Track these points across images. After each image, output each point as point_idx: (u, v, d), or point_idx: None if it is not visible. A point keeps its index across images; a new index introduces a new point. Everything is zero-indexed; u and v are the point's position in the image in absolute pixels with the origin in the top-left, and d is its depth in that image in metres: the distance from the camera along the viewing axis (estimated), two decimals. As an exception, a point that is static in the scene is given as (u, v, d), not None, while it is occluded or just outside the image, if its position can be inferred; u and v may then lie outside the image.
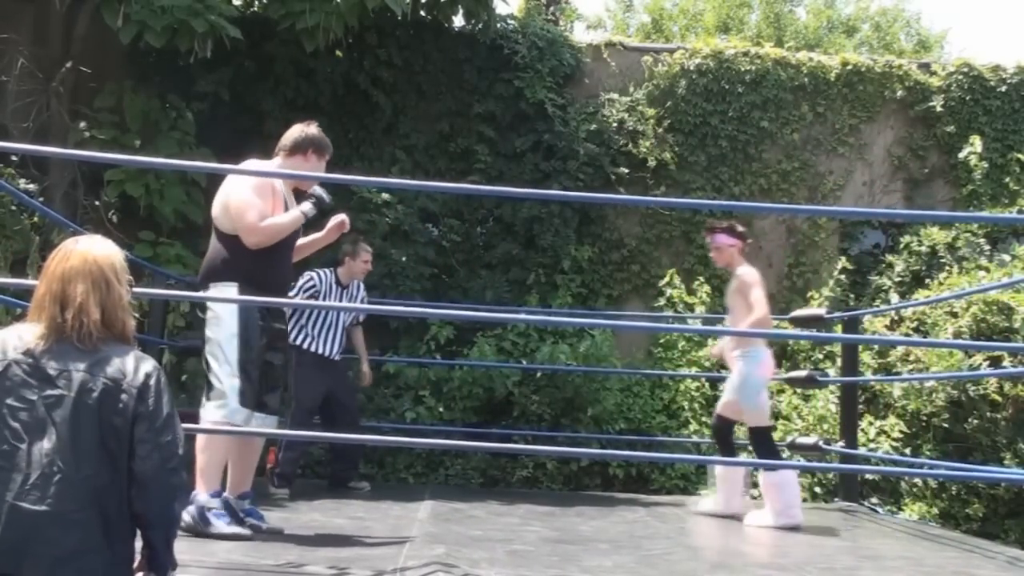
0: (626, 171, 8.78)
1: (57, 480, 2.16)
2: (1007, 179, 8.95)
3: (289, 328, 5.57)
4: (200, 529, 4.10)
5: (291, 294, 6.08)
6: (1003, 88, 9.20)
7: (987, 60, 9.39)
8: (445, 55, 8.89)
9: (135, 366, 2.30)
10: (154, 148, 7.62)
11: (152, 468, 2.24)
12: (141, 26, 7.23)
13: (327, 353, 6.20)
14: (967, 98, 9.18)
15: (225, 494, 4.31)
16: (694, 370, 7.95)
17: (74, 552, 2.16)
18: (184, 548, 3.87)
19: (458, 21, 8.89)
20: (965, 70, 9.26)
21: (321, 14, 7.37)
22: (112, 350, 2.32)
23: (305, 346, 6.15)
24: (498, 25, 8.93)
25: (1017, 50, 32.84)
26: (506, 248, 8.63)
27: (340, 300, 6.28)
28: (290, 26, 7.59)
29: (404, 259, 8.15)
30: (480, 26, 8.76)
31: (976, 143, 8.89)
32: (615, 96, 9.10)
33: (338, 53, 8.47)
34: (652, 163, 8.85)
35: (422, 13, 8.52)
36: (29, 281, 6.72)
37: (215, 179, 8.00)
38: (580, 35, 11.66)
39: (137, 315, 7.51)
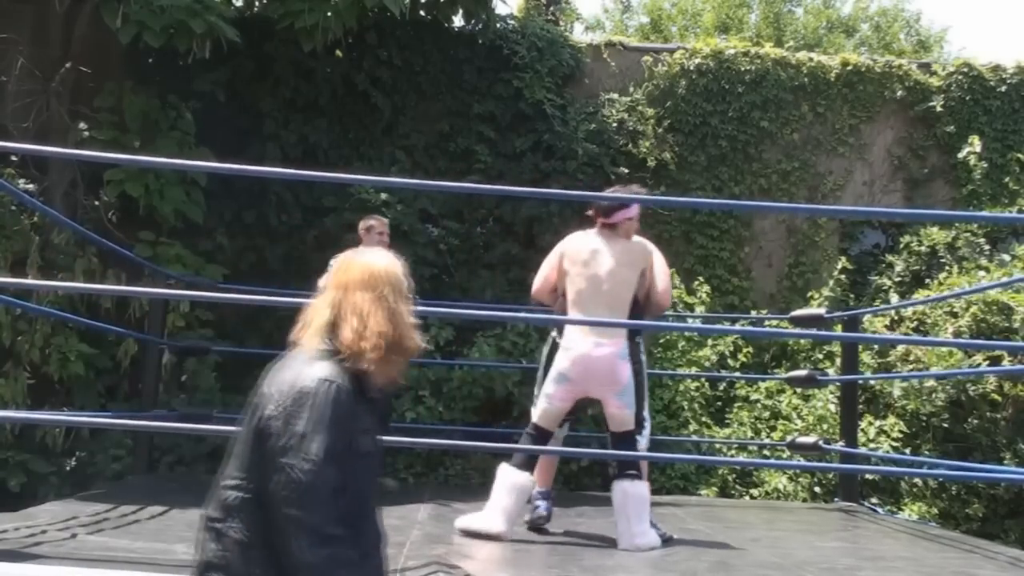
0: (626, 171, 8.78)
1: (219, 486, 2.11)
2: (1007, 179, 8.95)
3: None
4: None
5: (323, 280, 6.17)
6: (1003, 88, 9.20)
7: (987, 60, 9.40)
8: (445, 55, 8.88)
9: (294, 377, 2.06)
10: (154, 148, 7.61)
11: (275, 490, 1.97)
12: (140, 26, 7.22)
13: None
14: (967, 98, 9.18)
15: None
16: (694, 370, 7.94)
17: (208, 564, 2.05)
18: (184, 549, 3.87)
19: (458, 21, 8.88)
20: (965, 70, 9.26)
21: (320, 14, 7.36)
22: (303, 360, 2.11)
23: None
24: (498, 25, 8.93)
25: (1017, 50, 32.86)
26: (506, 248, 8.62)
27: None
28: (289, 26, 7.58)
29: (403, 259, 8.13)
30: (480, 26, 8.76)
31: (976, 143, 8.89)
32: (615, 96, 9.09)
33: (338, 53, 8.47)
34: (652, 163, 8.85)
35: (421, 13, 8.52)
36: (29, 281, 6.76)
37: (214, 179, 8.07)
38: (579, 36, 11.63)
39: (137, 314, 7.55)
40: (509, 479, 4.73)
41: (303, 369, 2.07)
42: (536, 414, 4.91)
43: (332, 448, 1.97)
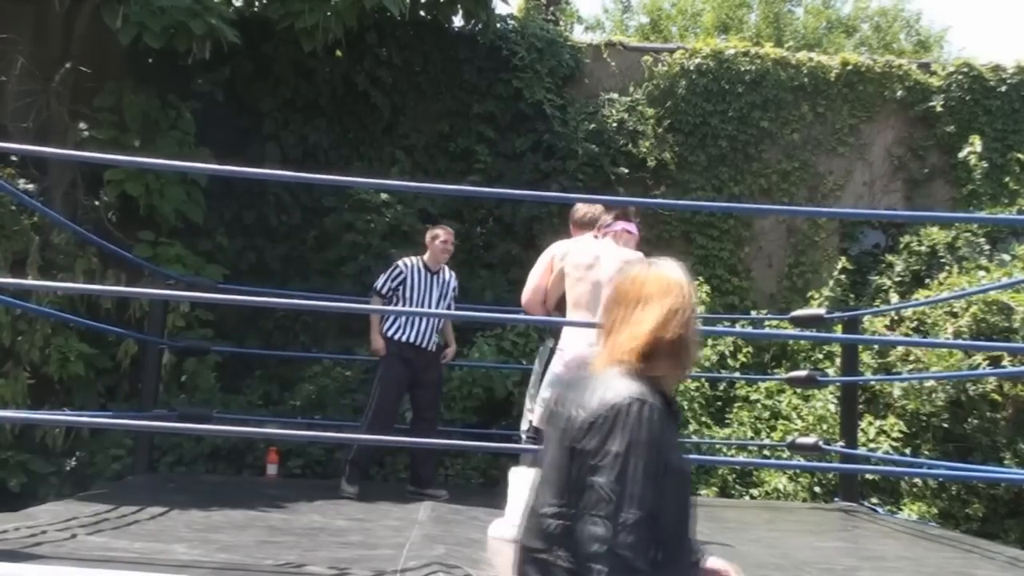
0: (626, 171, 8.78)
1: (533, 513, 2.00)
2: (1007, 179, 8.95)
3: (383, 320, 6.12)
4: None
5: (380, 281, 6.31)
6: (1003, 88, 9.20)
7: (987, 60, 9.39)
8: (444, 55, 8.88)
9: (603, 395, 1.95)
10: (153, 148, 7.61)
11: (581, 510, 1.89)
12: (140, 27, 7.22)
13: (416, 341, 6.20)
14: (967, 98, 9.18)
15: None
16: (694, 370, 7.93)
17: None
18: (184, 549, 3.88)
19: (457, 21, 8.88)
20: (965, 70, 9.26)
21: (320, 14, 7.37)
22: (609, 376, 2.01)
23: (393, 335, 6.18)
24: (497, 25, 8.93)
25: (1017, 50, 32.84)
26: (506, 248, 8.62)
27: (429, 286, 6.29)
28: (289, 26, 7.59)
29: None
30: (479, 26, 8.76)
31: (976, 143, 8.89)
32: (615, 96, 9.09)
33: (337, 53, 8.47)
34: (652, 163, 8.85)
35: (421, 13, 8.52)
36: (29, 281, 6.76)
37: (214, 179, 8.07)
38: (579, 36, 11.64)
39: (137, 314, 7.55)
40: (524, 479, 4.73)
41: (611, 387, 1.97)
42: (534, 418, 4.91)
43: (647, 468, 1.88)
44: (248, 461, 7.30)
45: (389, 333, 6.21)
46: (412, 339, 6.20)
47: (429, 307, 6.26)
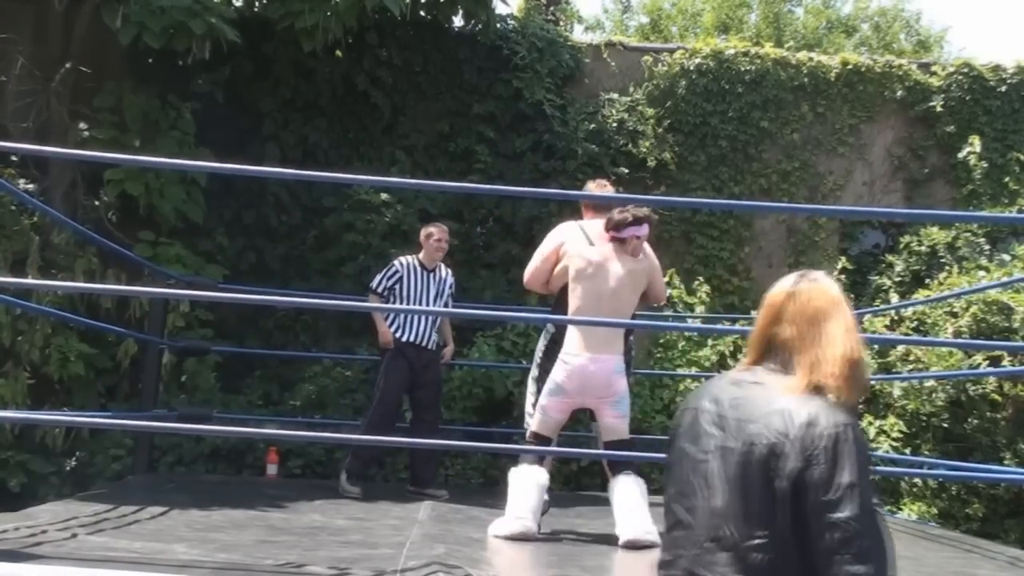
0: (626, 171, 8.78)
1: (728, 546, 1.85)
2: (1007, 179, 8.95)
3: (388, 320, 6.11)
4: None
5: (376, 280, 6.34)
6: (1003, 88, 9.19)
7: (987, 60, 9.39)
8: (445, 55, 8.88)
9: (811, 420, 1.86)
10: (154, 148, 7.61)
11: (827, 551, 1.78)
12: (140, 27, 7.23)
13: (417, 340, 6.22)
14: (967, 98, 9.17)
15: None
16: (694, 370, 7.94)
17: None
18: (184, 549, 3.88)
19: (458, 21, 8.88)
20: (965, 70, 9.25)
21: (320, 14, 7.37)
22: (799, 401, 1.91)
23: (393, 334, 6.20)
24: (497, 25, 8.93)
25: (1017, 50, 32.86)
26: (506, 248, 8.62)
27: (426, 284, 6.32)
28: (289, 26, 7.59)
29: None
30: (479, 26, 8.76)
31: (976, 143, 8.89)
32: (615, 96, 9.09)
33: (337, 53, 8.47)
34: (652, 163, 8.85)
35: (421, 13, 8.52)
36: (29, 281, 6.76)
37: (214, 179, 8.07)
38: (579, 36, 11.64)
39: (137, 315, 7.55)
40: (525, 477, 4.74)
41: (813, 410, 1.88)
42: (534, 423, 4.92)
43: (875, 495, 1.85)
44: (248, 461, 7.30)
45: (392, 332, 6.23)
46: (412, 338, 6.21)
47: (427, 305, 6.27)
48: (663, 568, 1.97)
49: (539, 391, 4.97)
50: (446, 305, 6.45)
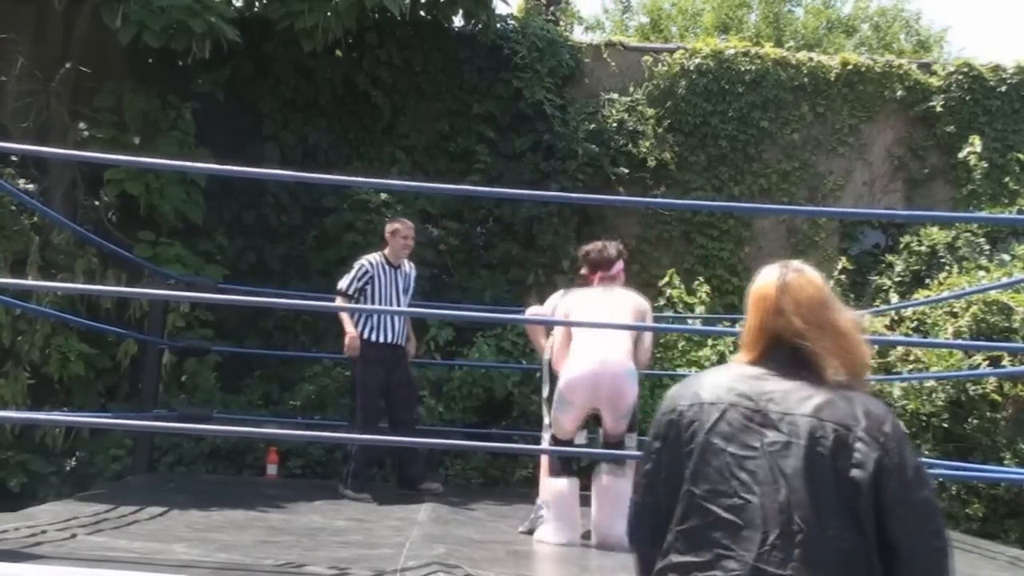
0: (626, 171, 8.78)
1: (800, 540, 1.81)
2: (1007, 179, 8.94)
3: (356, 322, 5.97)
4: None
5: (345, 282, 6.19)
6: (1003, 88, 9.19)
7: (987, 60, 9.39)
8: (445, 55, 8.88)
9: (866, 410, 1.91)
10: (153, 148, 7.62)
11: (910, 533, 1.83)
12: (140, 26, 7.23)
13: (394, 339, 6.18)
14: (967, 98, 9.17)
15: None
16: (694, 370, 7.94)
17: None
18: (184, 549, 3.88)
19: (458, 21, 8.88)
20: (965, 70, 9.25)
21: (320, 14, 7.37)
22: (835, 392, 1.93)
23: (369, 336, 6.12)
24: (498, 25, 8.93)
25: (1017, 50, 32.87)
26: (505, 248, 8.62)
27: (394, 281, 6.28)
28: (289, 26, 7.59)
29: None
30: (480, 26, 8.76)
31: (976, 143, 8.88)
32: (615, 96, 9.09)
33: (337, 53, 8.47)
34: (652, 163, 8.84)
35: (421, 13, 8.52)
36: (29, 281, 6.76)
37: (214, 179, 8.07)
38: (579, 36, 11.64)
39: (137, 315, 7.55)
40: (554, 488, 4.83)
41: (863, 401, 1.92)
42: (553, 429, 4.98)
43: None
44: (248, 461, 7.30)
45: (365, 335, 6.10)
46: (389, 339, 6.15)
47: (397, 302, 6.23)
48: (694, 570, 1.87)
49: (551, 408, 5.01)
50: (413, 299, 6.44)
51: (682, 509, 1.92)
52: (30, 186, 7.60)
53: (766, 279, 2.07)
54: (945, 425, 7.13)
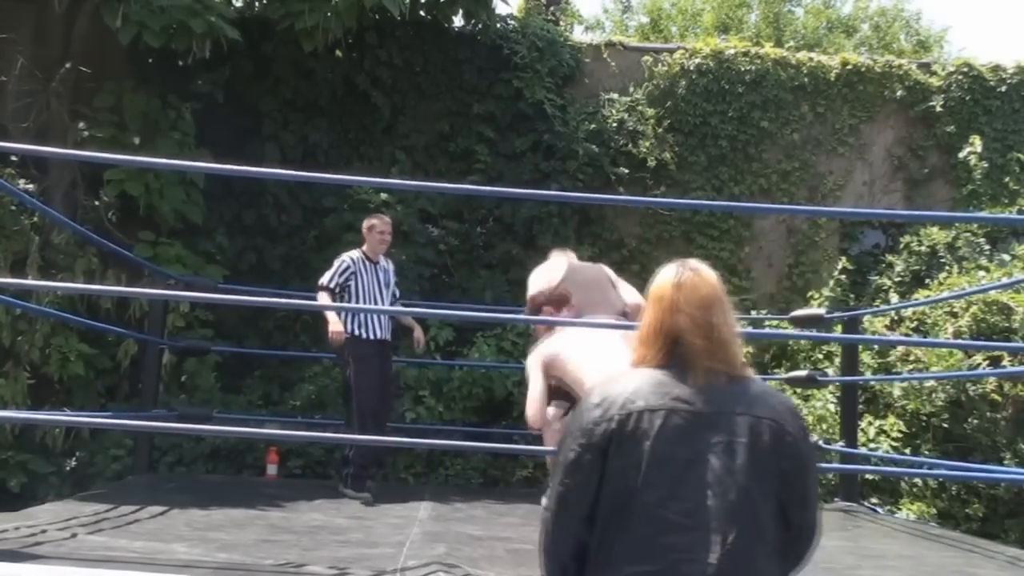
0: (626, 171, 8.78)
1: (757, 538, 1.84)
2: (1007, 179, 8.95)
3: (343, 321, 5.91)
4: None
5: (327, 278, 6.16)
6: (1003, 88, 9.20)
7: (987, 60, 9.40)
8: (445, 55, 8.88)
9: (780, 399, 1.99)
10: (153, 148, 7.62)
11: (812, 518, 1.95)
12: (140, 26, 7.23)
13: (382, 335, 6.14)
14: (967, 98, 9.18)
15: None
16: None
17: None
18: (184, 548, 3.88)
19: (458, 21, 8.88)
20: (965, 70, 9.26)
21: (320, 14, 7.37)
22: (749, 385, 1.97)
23: (358, 333, 6.07)
24: (498, 25, 8.93)
25: (1017, 50, 32.87)
26: (506, 248, 8.62)
27: (375, 277, 6.25)
28: (289, 26, 7.59)
29: (403, 259, 8.14)
30: (480, 26, 8.76)
31: (976, 143, 8.89)
32: (615, 96, 9.09)
33: (338, 53, 8.47)
34: (652, 163, 8.85)
35: (421, 13, 8.53)
36: (29, 281, 6.76)
37: (214, 179, 8.07)
38: (579, 36, 11.64)
39: (138, 314, 7.55)
40: None
41: (775, 393, 2.02)
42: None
43: None
44: (248, 461, 7.30)
45: (355, 332, 6.06)
46: (376, 335, 6.13)
47: (378, 298, 6.22)
48: None
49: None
50: (393, 295, 6.42)
51: (628, 519, 1.87)
52: (30, 186, 7.60)
53: (663, 278, 2.11)
54: (945, 425, 7.13)
